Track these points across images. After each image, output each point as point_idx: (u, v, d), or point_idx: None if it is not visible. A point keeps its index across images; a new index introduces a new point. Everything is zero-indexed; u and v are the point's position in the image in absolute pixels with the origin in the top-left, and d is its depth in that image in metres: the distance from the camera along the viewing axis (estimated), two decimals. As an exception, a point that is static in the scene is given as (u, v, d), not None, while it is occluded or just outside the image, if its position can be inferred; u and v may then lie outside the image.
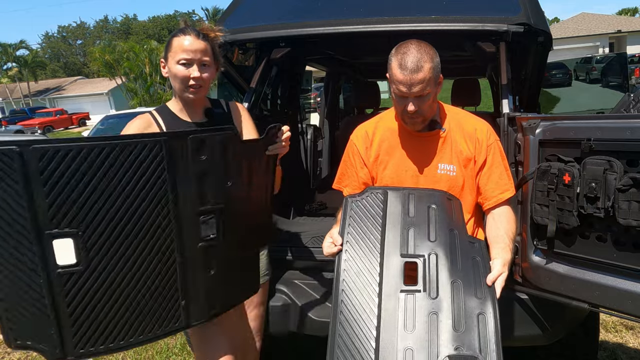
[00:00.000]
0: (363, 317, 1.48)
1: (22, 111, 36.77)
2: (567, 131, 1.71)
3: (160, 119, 1.88)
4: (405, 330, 1.44)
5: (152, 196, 1.46)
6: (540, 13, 2.39)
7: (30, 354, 3.45)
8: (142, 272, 1.49)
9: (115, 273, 1.45)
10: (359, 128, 1.97)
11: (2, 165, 1.27)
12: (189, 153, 1.49)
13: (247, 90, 2.81)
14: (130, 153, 1.40)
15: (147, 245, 1.48)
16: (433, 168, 1.83)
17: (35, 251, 1.34)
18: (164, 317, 1.56)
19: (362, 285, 1.52)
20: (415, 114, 1.71)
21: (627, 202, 1.49)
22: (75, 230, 1.37)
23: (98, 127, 11.49)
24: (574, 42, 30.85)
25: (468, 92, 3.93)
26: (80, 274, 1.40)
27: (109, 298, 1.45)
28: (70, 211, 1.36)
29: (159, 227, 1.49)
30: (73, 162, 1.33)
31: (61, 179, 1.33)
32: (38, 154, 1.29)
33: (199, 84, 1.80)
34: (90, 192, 1.37)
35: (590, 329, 2.41)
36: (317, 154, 3.98)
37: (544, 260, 1.81)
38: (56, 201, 1.34)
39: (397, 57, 1.68)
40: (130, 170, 1.41)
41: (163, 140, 1.45)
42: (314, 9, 2.79)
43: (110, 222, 1.41)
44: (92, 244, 1.40)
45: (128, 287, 1.47)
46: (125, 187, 1.41)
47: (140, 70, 30.44)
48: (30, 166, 1.29)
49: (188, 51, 1.78)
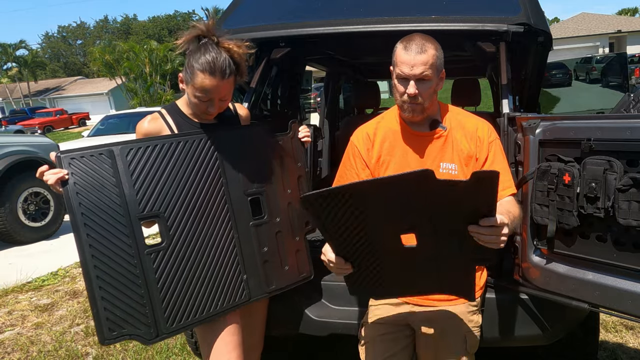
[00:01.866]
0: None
1: (22, 111, 36.81)
2: (567, 131, 1.71)
3: (171, 120, 1.88)
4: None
5: (212, 180, 1.77)
6: (540, 13, 2.39)
7: (30, 354, 3.45)
8: (212, 246, 1.75)
9: (191, 249, 1.71)
10: (359, 129, 1.96)
11: (100, 163, 1.60)
12: (246, 142, 1.85)
13: (247, 90, 2.81)
14: (192, 145, 1.74)
15: (213, 222, 1.77)
16: (435, 167, 1.83)
17: (128, 233, 1.61)
18: (232, 291, 1.80)
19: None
20: (414, 99, 1.72)
21: (627, 202, 1.49)
22: (158, 212, 1.67)
23: (98, 127, 11.49)
24: (574, 42, 30.87)
25: (468, 92, 3.92)
26: (165, 251, 1.67)
27: (188, 273, 1.70)
28: (152, 196, 1.66)
29: (219, 206, 1.78)
30: (150, 156, 1.67)
31: (143, 169, 1.65)
32: (126, 151, 1.63)
33: (214, 115, 1.85)
34: (165, 180, 1.69)
35: (590, 329, 2.41)
36: (317, 154, 3.97)
37: (544, 260, 1.81)
38: (141, 189, 1.64)
39: (402, 42, 1.74)
40: (193, 159, 1.74)
41: (216, 135, 1.80)
42: (314, 9, 2.79)
43: (183, 204, 1.71)
44: (171, 224, 1.69)
45: (202, 261, 1.73)
46: (191, 172, 1.73)
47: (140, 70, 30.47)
48: (120, 162, 1.62)
49: (207, 92, 1.74)
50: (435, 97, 1.81)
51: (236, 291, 1.80)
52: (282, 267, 1.93)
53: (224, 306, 1.77)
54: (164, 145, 1.69)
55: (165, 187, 1.68)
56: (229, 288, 1.79)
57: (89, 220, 1.55)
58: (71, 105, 41.45)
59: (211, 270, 1.75)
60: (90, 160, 1.59)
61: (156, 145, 1.68)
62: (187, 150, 1.73)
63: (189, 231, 1.71)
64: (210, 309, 1.74)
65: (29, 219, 6.52)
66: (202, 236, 1.73)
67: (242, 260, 1.81)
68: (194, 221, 1.72)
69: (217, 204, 1.77)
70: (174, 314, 1.67)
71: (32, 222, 6.56)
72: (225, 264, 1.78)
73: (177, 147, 1.71)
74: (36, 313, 4.20)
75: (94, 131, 11.49)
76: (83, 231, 1.54)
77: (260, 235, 1.86)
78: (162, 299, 1.64)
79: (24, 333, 3.81)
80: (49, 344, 3.57)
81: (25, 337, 3.72)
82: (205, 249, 1.74)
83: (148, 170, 1.66)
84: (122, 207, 1.60)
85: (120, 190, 1.61)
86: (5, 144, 6.45)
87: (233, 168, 1.81)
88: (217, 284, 1.76)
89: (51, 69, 69.01)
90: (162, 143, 1.69)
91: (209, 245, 1.74)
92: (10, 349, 3.56)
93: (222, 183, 1.79)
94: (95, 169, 1.59)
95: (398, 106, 1.83)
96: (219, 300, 1.76)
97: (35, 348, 3.53)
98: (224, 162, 1.80)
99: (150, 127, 1.85)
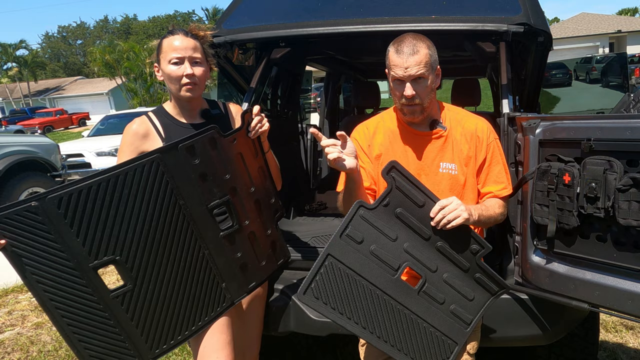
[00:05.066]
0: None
1: (22, 111, 36.77)
2: (567, 131, 1.71)
3: (158, 122, 1.91)
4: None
5: (166, 207, 1.63)
6: (540, 13, 2.39)
7: (30, 354, 3.46)
8: (181, 271, 1.68)
9: (160, 281, 1.64)
10: (360, 126, 1.97)
11: (30, 222, 1.44)
12: (184, 161, 1.64)
13: (247, 90, 2.81)
14: (134, 177, 1.56)
15: (177, 248, 1.66)
16: (435, 167, 1.83)
17: (86, 284, 1.53)
18: (213, 301, 1.77)
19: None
20: (412, 100, 1.72)
21: (627, 202, 1.49)
22: (112, 257, 1.55)
23: (98, 127, 11.50)
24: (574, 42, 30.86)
25: (468, 92, 3.92)
26: (132, 292, 1.60)
27: (163, 302, 1.65)
28: (102, 243, 1.53)
29: (181, 230, 1.66)
30: (88, 200, 1.49)
31: (83, 217, 1.49)
32: (56, 201, 1.46)
33: (192, 81, 1.83)
34: (113, 221, 1.54)
35: (590, 329, 2.41)
36: (317, 154, 3.98)
37: (544, 260, 1.81)
38: (86, 237, 1.50)
39: (393, 45, 1.73)
40: (139, 191, 1.57)
41: (157, 157, 1.60)
42: (314, 9, 2.79)
43: (140, 240, 1.58)
44: (131, 265, 1.58)
45: (175, 287, 1.67)
46: (141, 206, 1.58)
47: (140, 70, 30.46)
48: (52, 214, 1.46)
49: (178, 49, 1.81)
50: (434, 96, 1.81)
51: (217, 300, 1.78)
52: (260, 263, 1.90)
53: (207, 318, 1.76)
54: (101, 184, 1.50)
55: (114, 228, 1.54)
56: (209, 299, 1.76)
57: (41, 279, 1.48)
58: (71, 105, 41.43)
59: (187, 292, 1.70)
60: (18, 221, 1.43)
61: (90, 187, 1.49)
62: (130, 182, 1.55)
63: (153, 265, 1.62)
64: (194, 325, 1.74)
65: (29, 219, 6.52)
66: (169, 265, 1.65)
67: (217, 272, 1.77)
68: (156, 254, 1.62)
69: (178, 228, 1.65)
70: (156, 341, 1.66)
71: (32, 222, 6.55)
72: (200, 281, 1.73)
73: (117, 182, 1.53)
74: (36, 313, 4.20)
75: (94, 131, 11.49)
76: (38, 289, 1.48)
77: (232, 243, 1.79)
78: (140, 332, 1.62)
79: (24, 333, 3.81)
80: (49, 344, 3.57)
81: (25, 337, 3.72)
82: (176, 275, 1.67)
83: (89, 215, 1.50)
84: (71, 260, 1.50)
85: (62, 245, 1.48)
86: (5, 144, 6.45)
87: (188, 186, 1.67)
88: (196, 301, 1.72)
89: (51, 69, 69.00)
90: (97, 182, 1.50)
91: (178, 270, 1.67)
92: (10, 349, 3.56)
93: (179, 205, 1.65)
94: (28, 229, 1.44)
95: (398, 109, 1.84)
96: (202, 314, 1.75)
97: (35, 348, 3.53)
98: (176, 182, 1.64)
99: (139, 129, 1.88)
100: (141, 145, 1.88)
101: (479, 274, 1.70)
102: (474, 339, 1.83)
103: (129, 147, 1.88)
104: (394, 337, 1.62)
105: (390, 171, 1.59)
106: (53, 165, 6.99)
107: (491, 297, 1.74)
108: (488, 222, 1.78)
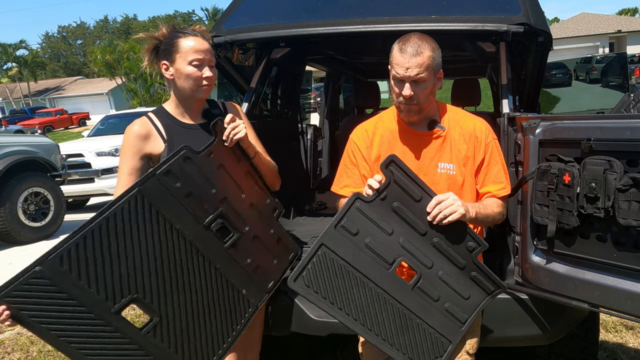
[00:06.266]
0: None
1: (22, 111, 36.79)
2: (567, 131, 1.71)
3: (159, 123, 1.91)
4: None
5: (164, 235, 1.63)
6: (540, 13, 2.39)
7: (30, 354, 3.46)
8: (200, 291, 1.70)
9: (183, 305, 1.66)
10: (358, 127, 1.97)
11: (39, 287, 1.44)
12: (166, 187, 1.63)
13: (247, 90, 2.81)
14: (123, 216, 1.55)
15: (189, 271, 1.68)
16: (433, 167, 1.84)
17: (114, 329, 1.54)
18: (239, 311, 1.80)
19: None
20: (410, 100, 1.72)
21: (627, 202, 1.49)
22: (131, 296, 1.56)
23: (98, 127, 11.48)
24: (574, 42, 30.86)
25: (468, 92, 3.93)
26: (160, 323, 1.62)
27: (192, 324, 1.69)
28: (115, 287, 1.54)
29: (186, 253, 1.67)
30: (87, 250, 1.50)
31: (88, 266, 1.49)
32: (57, 260, 1.46)
33: (209, 83, 1.86)
34: (117, 262, 1.54)
35: (590, 329, 2.41)
36: (317, 154, 3.98)
37: (544, 260, 1.81)
38: (98, 284, 1.51)
39: (398, 43, 1.73)
40: (133, 228, 1.57)
41: (138, 191, 1.58)
42: (314, 8, 2.79)
43: (150, 273, 1.59)
44: (149, 298, 1.60)
45: (199, 307, 1.70)
46: (139, 241, 1.58)
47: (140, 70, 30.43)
48: (58, 273, 1.46)
49: (200, 51, 1.83)
50: (433, 98, 1.81)
51: (242, 307, 1.81)
52: (272, 262, 1.92)
53: (238, 327, 1.79)
54: (94, 232, 1.50)
55: (122, 268, 1.55)
56: (235, 309, 1.79)
57: (70, 339, 1.49)
58: (71, 105, 41.42)
59: (211, 308, 1.73)
60: (28, 290, 1.43)
61: (85, 236, 1.49)
62: (121, 222, 1.54)
63: (171, 293, 1.64)
64: (229, 336, 1.77)
65: (29, 219, 6.53)
66: (185, 288, 1.67)
67: (234, 282, 1.79)
68: (170, 281, 1.64)
69: (182, 253, 1.67)
70: None
71: (32, 222, 6.56)
72: (221, 295, 1.75)
73: (108, 226, 1.52)
74: (36, 313, 4.19)
75: (94, 131, 11.47)
76: (72, 350, 1.49)
77: (239, 251, 1.80)
78: (181, 357, 1.66)
79: (24, 333, 3.81)
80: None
81: (25, 337, 3.72)
82: (196, 295, 1.69)
83: (94, 263, 1.51)
84: (93, 311, 1.50)
85: (78, 299, 1.48)
86: (5, 144, 6.46)
87: (178, 210, 1.66)
88: (223, 314, 1.76)
89: (51, 69, 69.00)
90: (90, 231, 1.50)
91: (197, 291, 1.70)
92: (10, 349, 3.56)
93: (176, 230, 1.65)
94: (40, 295, 1.44)
95: (395, 106, 1.84)
96: (232, 324, 1.77)
97: (35, 348, 3.53)
98: (164, 210, 1.63)
99: (140, 130, 1.88)
100: (143, 147, 1.88)
101: (475, 273, 1.70)
102: (474, 339, 1.83)
103: (131, 149, 1.88)
104: (385, 331, 1.62)
105: (389, 165, 1.60)
106: (53, 165, 6.99)
107: (487, 296, 1.73)
108: (486, 221, 1.78)
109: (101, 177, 8.35)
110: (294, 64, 3.36)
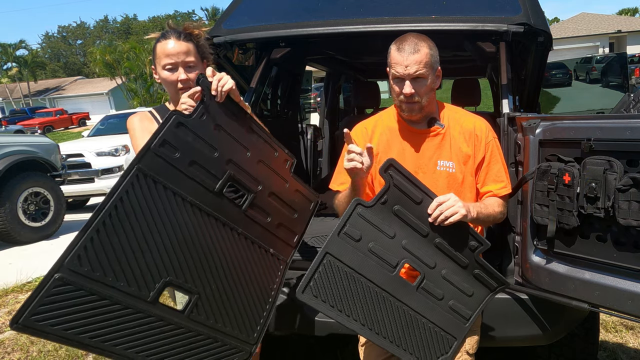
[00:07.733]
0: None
1: (22, 111, 36.81)
2: (567, 131, 1.71)
3: (161, 119, 1.90)
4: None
5: (179, 209, 1.53)
6: (540, 13, 2.39)
7: (30, 354, 3.46)
8: (229, 258, 1.65)
9: (217, 277, 1.61)
10: (358, 125, 1.98)
11: (65, 295, 1.32)
12: (165, 159, 1.51)
13: (247, 90, 2.81)
14: (129, 198, 1.43)
15: (213, 241, 1.61)
16: (432, 165, 1.84)
17: (156, 319, 1.48)
18: (271, 269, 1.78)
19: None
20: (411, 98, 1.73)
21: (627, 202, 1.49)
22: (163, 280, 1.49)
23: (98, 127, 11.48)
24: (574, 42, 30.86)
25: (468, 92, 3.93)
26: (200, 299, 1.57)
27: (232, 292, 1.65)
28: (143, 272, 1.45)
29: (205, 224, 1.59)
30: (103, 242, 1.38)
31: (109, 259, 1.39)
32: (76, 261, 1.34)
33: (187, 86, 1.79)
34: (138, 247, 1.44)
35: (590, 329, 2.41)
36: (317, 154, 3.98)
37: (544, 260, 1.81)
38: (126, 276, 1.41)
39: (396, 43, 1.75)
40: (143, 208, 1.46)
41: (137, 169, 1.46)
42: (314, 9, 2.79)
43: (175, 252, 1.51)
44: (182, 277, 1.53)
45: (233, 274, 1.65)
46: (154, 221, 1.48)
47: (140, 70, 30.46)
48: (80, 274, 1.34)
49: (171, 55, 1.80)
50: (433, 95, 1.82)
51: (273, 266, 1.80)
52: (293, 216, 1.88)
53: (275, 286, 1.79)
54: (105, 222, 1.39)
55: (145, 254, 1.45)
56: (267, 269, 1.76)
57: (116, 341, 1.40)
58: (71, 105, 41.42)
59: (245, 273, 1.69)
60: (53, 302, 1.31)
61: (98, 229, 1.37)
62: (129, 205, 1.43)
63: (202, 268, 1.58)
64: (270, 297, 1.76)
65: (29, 219, 6.52)
66: (214, 259, 1.61)
67: (259, 242, 1.74)
68: (198, 256, 1.57)
69: (202, 224, 1.59)
70: (248, 327, 1.69)
71: (32, 222, 6.56)
72: (250, 258, 1.72)
73: (117, 211, 1.41)
74: (36, 313, 4.19)
75: (94, 131, 11.47)
76: (120, 351, 1.41)
77: (257, 212, 1.74)
78: (231, 327, 1.64)
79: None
80: (49, 343, 3.57)
81: (25, 337, 3.71)
82: (227, 264, 1.64)
83: (114, 254, 1.40)
84: (129, 306, 1.42)
85: (110, 296, 1.38)
86: (5, 144, 6.45)
87: (184, 181, 1.57)
88: (257, 275, 1.73)
89: (51, 69, 68.98)
90: (102, 222, 1.38)
91: (226, 259, 1.64)
92: (10, 349, 3.56)
93: (189, 202, 1.57)
94: (68, 303, 1.33)
95: (396, 106, 1.84)
96: (268, 284, 1.76)
97: (35, 348, 3.53)
98: (170, 183, 1.53)
99: (143, 122, 1.88)
100: (150, 127, 1.85)
101: (478, 270, 1.71)
102: (474, 339, 1.83)
103: (141, 130, 1.84)
104: (393, 334, 1.62)
105: (388, 169, 1.60)
106: (53, 165, 6.99)
107: (490, 292, 1.74)
108: (487, 220, 1.78)
109: (101, 177, 8.35)
110: (294, 64, 3.36)
